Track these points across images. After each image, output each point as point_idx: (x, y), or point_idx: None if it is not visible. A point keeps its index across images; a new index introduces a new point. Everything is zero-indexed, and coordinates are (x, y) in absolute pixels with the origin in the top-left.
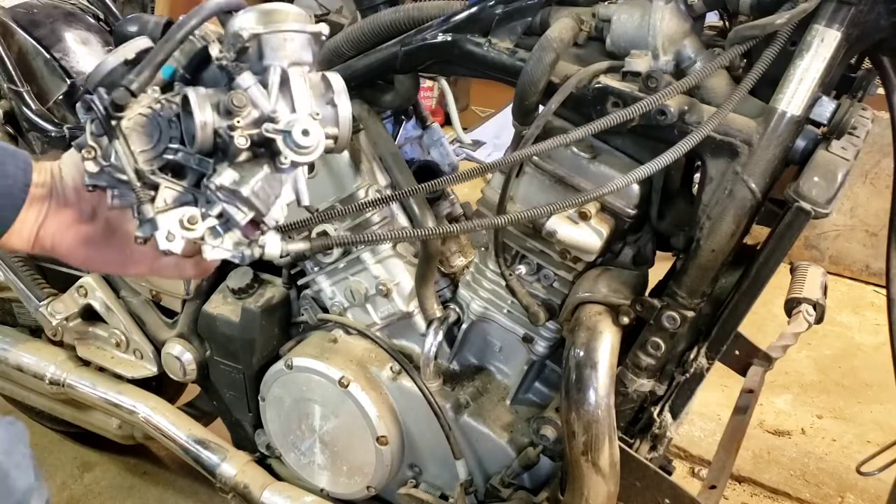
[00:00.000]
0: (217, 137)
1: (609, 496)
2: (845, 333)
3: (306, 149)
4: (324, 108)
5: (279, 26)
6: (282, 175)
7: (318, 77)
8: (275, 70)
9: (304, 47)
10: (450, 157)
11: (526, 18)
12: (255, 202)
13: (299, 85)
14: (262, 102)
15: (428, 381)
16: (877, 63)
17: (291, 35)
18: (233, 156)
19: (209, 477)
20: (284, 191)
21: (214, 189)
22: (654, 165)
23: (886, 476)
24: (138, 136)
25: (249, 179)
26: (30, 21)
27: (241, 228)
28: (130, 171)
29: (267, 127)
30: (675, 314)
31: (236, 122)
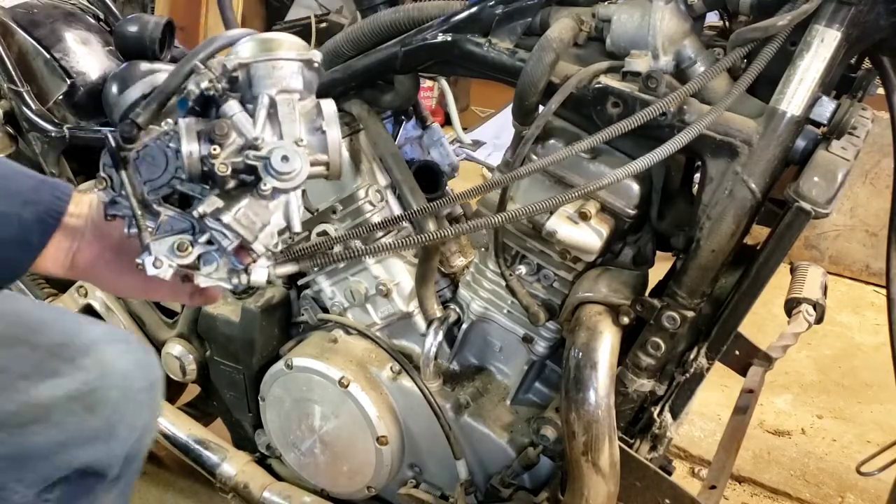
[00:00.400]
0: (203, 166)
1: (609, 496)
2: (845, 333)
3: (287, 175)
4: (312, 135)
5: (268, 55)
6: (269, 202)
7: (311, 104)
8: (262, 98)
9: (294, 75)
10: (450, 158)
11: (526, 18)
12: (237, 229)
13: (286, 112)
14: (247, 130)
15: (428, 382)
16: (877, 63)
17: (280, 63)
18: (220, 184)
19: (209, 477)
20: (273, 218)
21: (198, 217)
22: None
23: (886, 476)
24: (146, 167)
25: (233, 207)
26: (30, 21)
27: (230, 256)
28: (133, 201)
29: (248, 154)
30: (675, 314)
31: (213, 151)
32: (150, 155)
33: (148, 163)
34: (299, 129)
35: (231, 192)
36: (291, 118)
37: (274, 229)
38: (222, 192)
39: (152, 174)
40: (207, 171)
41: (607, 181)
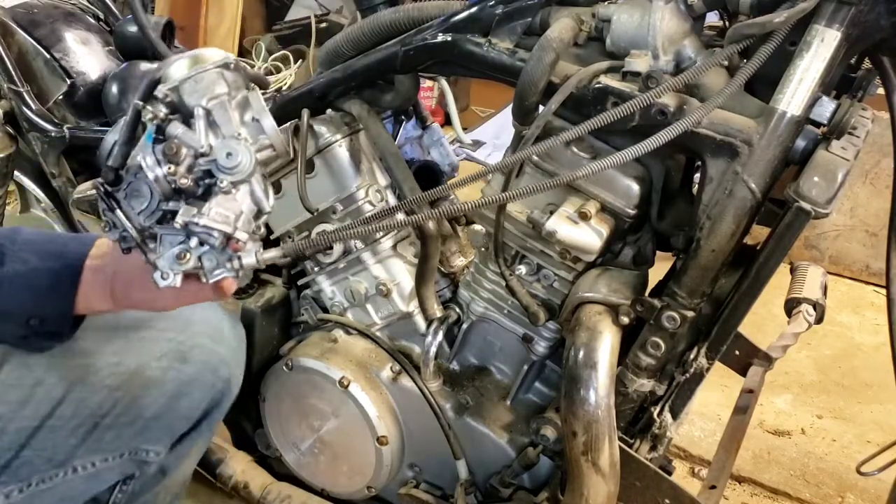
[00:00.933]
0: (171, 184)
1: (609, 496)
2: (845, 333)
3: (235, 168)
4: (248, 126)
5: (187, 73)
6: (234, 195)
7: (240, 99)
8: (196, 111)
9: (216, 81)
10: (450, 157)
11: (526, 18)
12: (215, 226)
13: (220, 115)
14: (193, 142)
15: (428, 382)
16: (877, 63)
17: (200, 76)
18: (190, 193)
19: (209, 477)
20: (244, 207)
21: (181, 226)
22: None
23: (886, 476)
24: (135, 200)
25: (203, 209)
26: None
27: (220, 250)
28: (133, 232)
29: (199, 162)
30: (675, 314)
31: (170, 170)
32: (135, 189)
33: (135, 196)
34: (235, 125)
35: (200, 198)
36: (226, 118)
37: (248, 216)
38: (194, 200)
39: (142, 205)
40: (175, 187)
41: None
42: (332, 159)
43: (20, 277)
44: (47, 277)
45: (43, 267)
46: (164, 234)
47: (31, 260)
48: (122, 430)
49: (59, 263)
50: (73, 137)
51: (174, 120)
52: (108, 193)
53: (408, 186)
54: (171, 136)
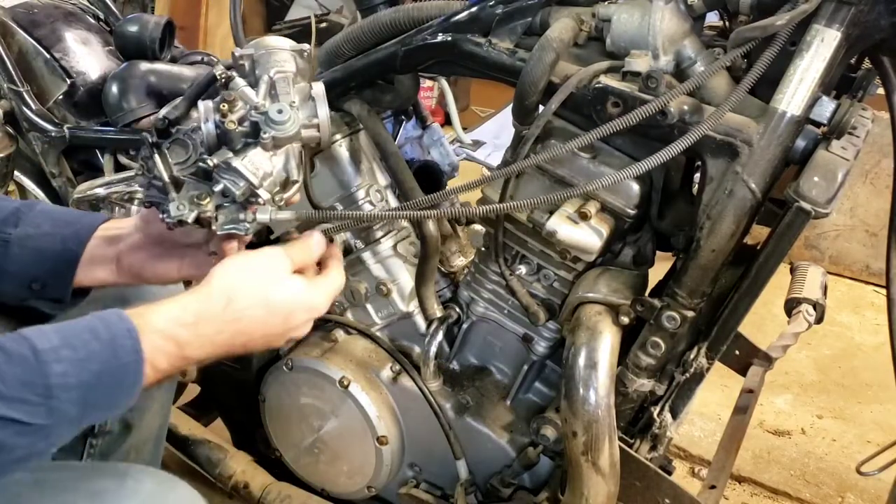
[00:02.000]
0: (217, 130)
1: (609, 496)
2: (845, 333)
3: (282, 124)
4: (304, 104)
5: (266, 46)
6: (270, 155)
7: (304, 84)
8: (263, 76)
9: (287, 60)
10: (450, 157)
11: (526, 18)
12: (245, 173)
13: (283, 86)
14: (250, 98)
15: (428, 381)
16: (877, 63)
17: (276, 51)
18: (231, 143)
19: (209, 477)
20: (276, 170)
21: (212, 166)
22: (650, 163)
23: (886, 476)
24: (175, 152)
25: (240, 155)
26: (30, 21)
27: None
28: (165, 175)
29: (252, 113)
30: (675, 314)
31: (224, 109)
32: (179, 143)
33: (177, 150)
34: (293, 97)
35: (239, 150)
36: (287, 91)
37: (277, 179)
38: (232, 150)
39: (180, 157)
40: (220, 134)
41: (607, 181)
42: (333, 159)
43: (30, 240)
44: (55, 242)
45: (53, 232)
46: (191, 182)
47: (43, 225)
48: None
49: (69, 230)
50: (73, 137)
51: (238, 77)
52: (153, 142)
53: (408, 186)
54: (232, 88)
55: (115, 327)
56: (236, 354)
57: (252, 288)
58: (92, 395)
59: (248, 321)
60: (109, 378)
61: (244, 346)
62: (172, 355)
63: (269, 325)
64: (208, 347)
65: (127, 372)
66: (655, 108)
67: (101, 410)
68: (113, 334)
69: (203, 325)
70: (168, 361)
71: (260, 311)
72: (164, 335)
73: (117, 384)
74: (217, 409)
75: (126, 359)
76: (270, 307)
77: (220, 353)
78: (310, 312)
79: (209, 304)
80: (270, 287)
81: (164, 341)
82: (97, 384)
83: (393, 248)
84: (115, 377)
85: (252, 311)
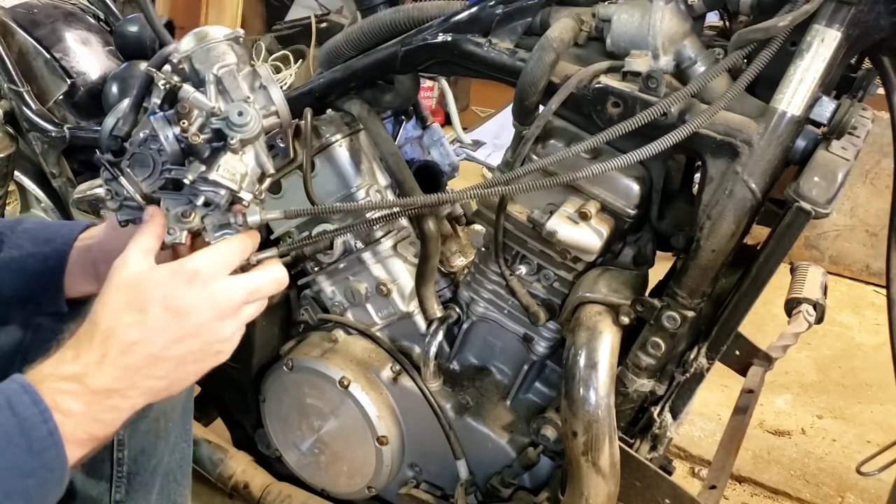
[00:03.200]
0: (180, 144)
1: (609, 496)
2: (845, 333)
3: (245, 126)
4: (256, 93)
5: (201, 43)
6: (241, 156)
7: (248, 71)
8: (207, 76)
9: (226, 52)
10: (450, 157)
11: (526, 18)
12: (223, 182)
13: (230, 82)
14: (204, 104)
15: (428, 382)
16: (877, 63)
17: (212, 46)
18: (198, 153)
19: (209, 477)
20: (249, 168)
21: (190, 183)
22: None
23: (886, 476)
24: (138, 169)
25: (213, 166)
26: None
27: (224, 210)
28: (138, 196)
29: (211, 121)
30: (675, 314)
31: (183, 126)
32: (138, 160)
33: (138, 166)
34: (244, 91)
35: (208, 159)
36: (235, 85)
37: (253, 177)
38: (201, 160)
39: (145, 173)
40: (185, 147)
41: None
42: (333, 159)
43: (14, 262)
44: (38, 261)
45: (35, 251)
46: (167, 198)
47: (24, 245)
48: None
49: (48, 247)
50: (73, 137)
51: (186, 84)
52: (111, 163)
53: (408, 186)
54: (182, 98)
55: (8, 388)
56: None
57: (113, 298)
58: (2, 464)
59: (126, 328)
60: (18, 439)
61: (155, 360)
62: (77, 392)
63: (155, 325)
64: (110, 370)
65: (34, 426)
66: (660, 111)
67: (25, 477)
68: (8, 396)
69: (84, 352)
70: (77, 400)
71: (131, 313)
72: (56, 377)
73: (28, 443)
74: (217, 409)
75: (26, 412)
76: (140, 306)
77: (138, 376)
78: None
79: (81, 332)
80: (135, 288)
81: (58, 383)
82: (4, 449)
83: (393, 248)
84: (24, 435)
85: (123, 316)
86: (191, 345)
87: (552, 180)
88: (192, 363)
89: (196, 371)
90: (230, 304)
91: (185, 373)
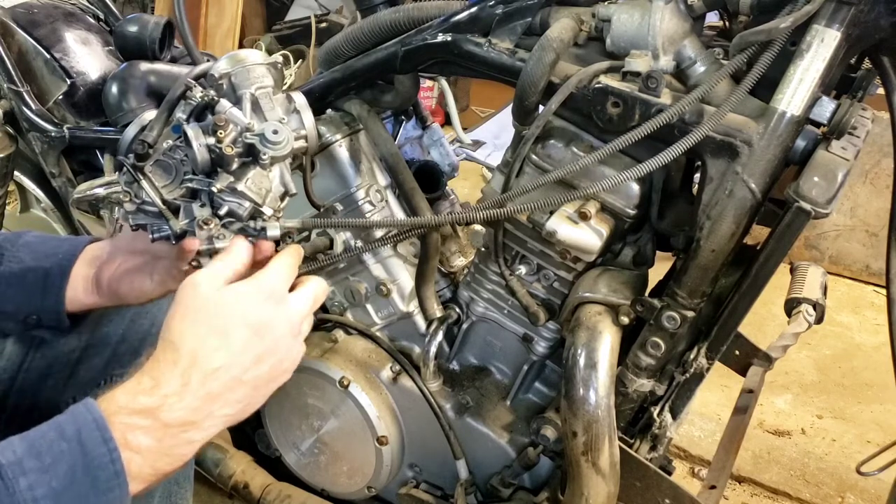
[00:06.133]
0: (212, 154)
1: (609, 496)
2: (845, 333)
3: (278, 144)
4: (290, 116)
5: (242, 64)
6: (268, 173)
7: (283, 96)
8: (245, 95)
9: (265, 75)
10: (450, 157)
11: (526, 18)
12: (249, 195)
13: (265, 103)
14: (240, 119)
15: (428, 382)
16: (877, 63)
17: (252, 67)
18: (227, 165)
19: (209, 477)
20: (274, 186)
21: (217, 192)
22: (652, 164)
23: (886, 476)
24: (159, 175)
25: (242, 178)
26: (30, 21)
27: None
28: (158, 201)
29: (246, 136)
30: (675, 314)
31: (220, 135)
32: (161, 167)
33: (160, 173)
34: (279, 112)
35: (236, 172)
36: (270, 106)
37: (276, 194)
38: (229, 172)
39: (166, 180)
40: (215, 157)
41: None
42: (333, 159)
43: (14, 276)
44: (38, 276)
45: (35, 266)
46: (186, 205)
47: (25, 259)
48: (93, 361)
49: (50, 262)
50: (73, 137)
51: (222, 99)
52: (134, 167)
53: (408, 187)
54: (219, 112)
55: (81, 418)
56: (248, 403)
57: (193, 321)
58: (67, 500)
59: (210, 353)
60: (83, 476)
61: (236, 384)
62: (150, 428)
63: (240, 346)
64: (190, 400)
65: (101, 465)
66: (673, 117)
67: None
68: (78, 427)
69: (165, 381)
70: (149, 436)
71: (214, 337)
72: (129, 410)
73: (93, 482)
74: None
75: (95, 451)
76: (222, 328)
77: (216, 404)
78: (274, 299)
79: (161, 358)
80: (213, 310)
81: (132, 417)
82: (70, 486)
83: (393, 248)
84: (90, 474)
85: (207, 341)
86: (268, 362)
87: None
88: (265, 384)
89: (265, 393)
90: (300, 317)
91: (258, 396)
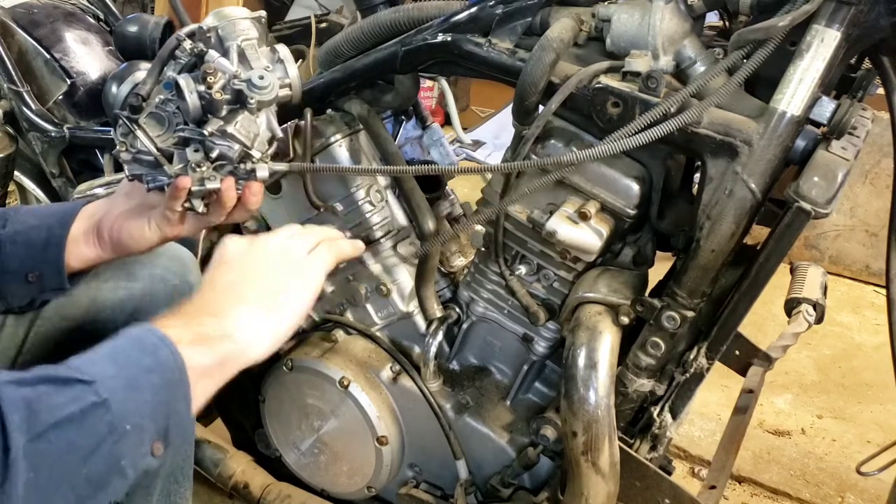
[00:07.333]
0: (202, 101)
1: (609, 496)
2: (845, 333)
3: (265, 89)
4: (275, 66)
5: (227, 18)
6: (256, 118)
7: (267, 48)
8: (232, 46)
9: (250, 28)
10: (450, 157)
11: (526, 18)
12: (239, 137)
13: (251, 52)
14: (228, 67)
15: (428, 382)
16: (877, 63)
17: (237, 20)
18: (217, 110)
19: (209, 477)
20: (261, 130)
21: (208, 135)
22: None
23: (886, 476)
24: (153, 126)
25: (231, 122)
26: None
27: (234, 164)
28: (153, 149)
29: (234, 82)
30: (675, 314)
31: (210, 82)
32: (155, 118)
33: (154, 124)
34: (264, 62)
35: (226, 117)
36: (256, 56)
37: (263, 138)
38: (219, 118)
39: (160, 130)
40: (206, 104)
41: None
42: (333, 159)
43: (19, 235)
44: (42, 231)
45: (39, 224)
46: (179, 151)
47: (29, 220)
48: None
49: (52, 218)
50: (73, 137)
51: (211, 50)
52: (129, 118)
53: (408, 186)
54: (208, 61)
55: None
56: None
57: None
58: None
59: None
60: (128, 344)
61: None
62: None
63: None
64: (218, 293)
65: (143, 335)
66: (661, 112)
67: (147, 372)
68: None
69: (205, 288)
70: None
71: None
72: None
73: (140, 347)
74: (217, 409)
75: (133, 331)
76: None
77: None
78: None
79: (206, 276)
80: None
81: (171, 319)
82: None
83: (393, 249)
84: (136, 341)
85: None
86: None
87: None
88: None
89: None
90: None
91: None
